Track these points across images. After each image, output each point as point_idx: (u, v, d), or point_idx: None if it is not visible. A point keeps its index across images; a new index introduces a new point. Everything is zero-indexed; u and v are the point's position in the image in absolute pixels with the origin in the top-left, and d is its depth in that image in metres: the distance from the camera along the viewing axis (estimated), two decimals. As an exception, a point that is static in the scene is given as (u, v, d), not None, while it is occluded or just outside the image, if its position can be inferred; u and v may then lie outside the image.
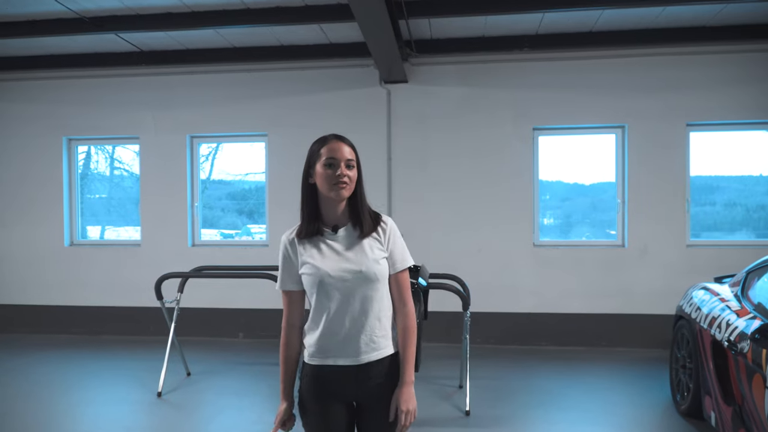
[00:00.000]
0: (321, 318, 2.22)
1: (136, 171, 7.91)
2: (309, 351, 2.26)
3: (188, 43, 6.97)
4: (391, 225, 2.34)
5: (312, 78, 7.25)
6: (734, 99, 6.64)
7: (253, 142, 7.67)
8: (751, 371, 3.57)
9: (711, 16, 6.14)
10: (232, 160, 7.94)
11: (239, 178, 7.99)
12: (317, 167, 2.23)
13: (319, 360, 2.23)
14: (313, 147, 2.28)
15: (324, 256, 2.22)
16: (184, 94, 7.46)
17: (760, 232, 7.04)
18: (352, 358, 2.21)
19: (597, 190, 7.36)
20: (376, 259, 2.24)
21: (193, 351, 6.58)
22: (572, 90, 6.86)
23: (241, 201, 8.00)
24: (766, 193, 7.08)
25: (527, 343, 6.95)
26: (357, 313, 2.21)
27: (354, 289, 2.20)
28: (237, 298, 7.36)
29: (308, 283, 2.22)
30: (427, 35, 6.72)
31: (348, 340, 2.21)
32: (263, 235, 7.77)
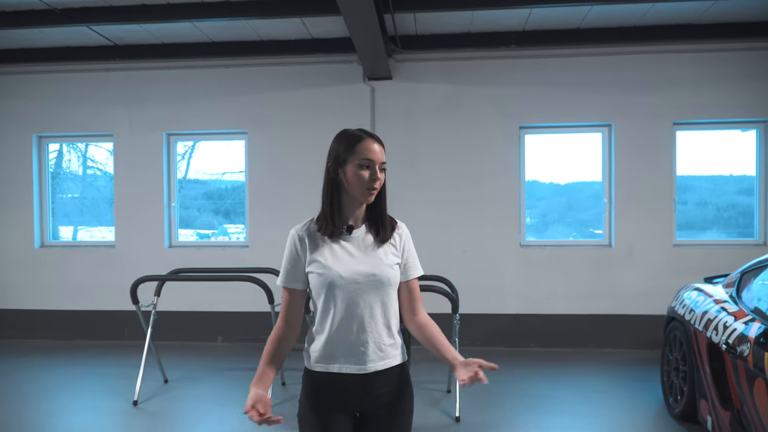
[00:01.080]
0: (327, 321, 2.10)
1: (110, 170, 7.64)
2: (313, 356, 2.13)
3: (164, 36, 6.72)
4: (405, 231, 2.26)
5: (293, 74, 7.05)
6: (721, 98, 6.60)
7: (233, 140, 7.45)
8: (752, 375, 3.47)
9: (698, 14, 6.08)
10: (209, 159, 7.71)
11: (216, 177, 7.76)
12: (349, 165, 2.11)
13: (323, 366, 2.11)
14: (342, 142, 2.15)
15: (336, 257, 2.12)
16: (161, 90, 7.20)
17: (731, 230, 7.06)
18: (358, 366, 2.10)
19: (572, 190, 7.30)
20: (390, 264, 2.15)
21: (170, 356, 6.33)
22: (559, 88, 6.76)
23: (217, 201, 7.77)
24: (735, 192, 7.09)
25: (514, 344, 6.83)
26: (366, 318, 2.10)
27: (365, 294, 2.10)
28: (215, 300, 7.13)
29: (316, 283, 2.10)
30: (412, 31, 6.57)
31: (355, 347, 2.10)
32: (241, 235, 7.55)
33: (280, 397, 5.19)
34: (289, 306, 2.18)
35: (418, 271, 2.25)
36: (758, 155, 6.78)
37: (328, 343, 2.10)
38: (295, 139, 7.04)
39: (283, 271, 2.17)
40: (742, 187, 7.22)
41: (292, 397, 5.20)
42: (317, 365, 2.12)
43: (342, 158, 2.13)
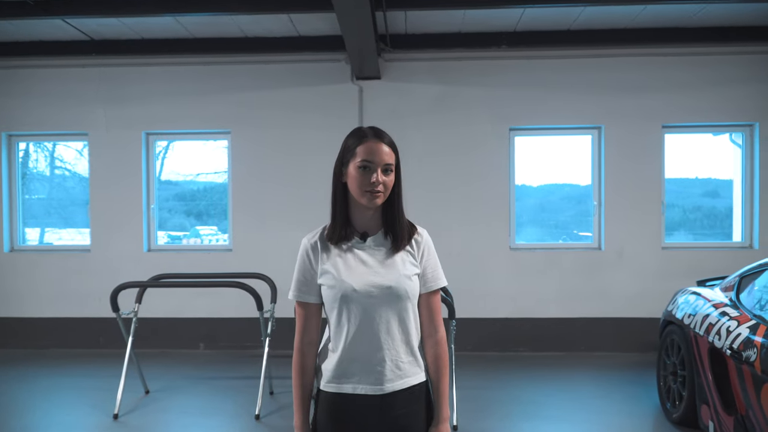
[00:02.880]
0: (341, 338, 1.95)
1: (80, 170, 7.35)
2: (325, 375, 1.98)
3: (144, 31, 6.47)
4: (426, 237, 2.09)
5: (279, 73, 6.85)
6: (709, 101, 6.61)
7: (215, 140, 7.22)
8: (759, 381, 3.41)
9: (689, 17, 6.07)
10: (183, 159, 7.45)
11: (190, 178, 7.51)
12: (350, 167, 1.97)
13: (337, 386, 1.96)
14: (347, 141, 2.02)
15: (349, 267, 1.96)
16: (139, 87, 6.92)
17: (697, 232, 7.12)
18: (375, 387, 1.94)
19: (544, 192, 7.27)
20: (408, 275, 1.98)
21: (150, 365, 6.05)
22: (549, 90, 6.70)
23: (189, 202, 7.51)
24: (701, 195, 7.16)
25: (505, 349, 6.73)
26: (382, 334, 1.94)
27: (380, 307, 1.94)
28: (197, 306, 6.89)
29: (329, 296, 1.96)
30: (402, 30, 6.43)
31: (371, 365, 1.94)
32: (213, 237, 7.32)
33: (269, 408, 4.99)
34: (305, 322, 2.02)
35: (439, 282, 2.07)
36: (743, 158, 6.81)
37: (342, 362, 1.95)
38: (280, 140, 6.84)
39: (295, 284, 2.02)
40: (707, 189, 7.35)
41: (282, 408, 5.01)
42: (330, 385, 1.97)
43: (345, 158, 2.00)
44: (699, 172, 7.20)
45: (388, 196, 2.00)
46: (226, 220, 7.25)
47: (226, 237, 7.30)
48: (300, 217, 6.81)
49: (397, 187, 2.02)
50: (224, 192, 7.27)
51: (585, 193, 7.07)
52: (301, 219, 6.80)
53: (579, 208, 7.20)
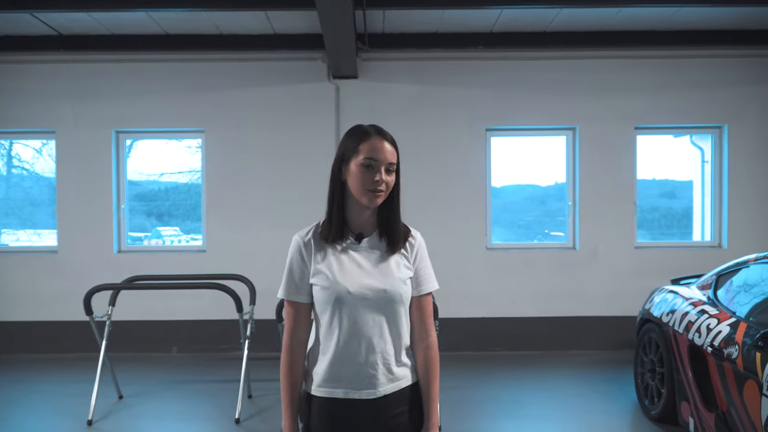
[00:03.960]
0: (332, 341, 1.90)
1: (38, 169, 7.13)
2: (315, 379, 1.94)
3: (115, 27, 6.29)
4: (419, 240, 2.08)
5: (254, 71, 6.74)
6: (680, 103, 6.75)
7: (188, 138, 7.07)
8: (741, 377, 3.48)
9: (662, 21, 6.19)
10: (146, 159, 7.23)
11: (153, 178, 7.34)
12: (352, 164, 1.93)
13: (328, 390, 1.91)
14: (349, 138, 1.98)
15: (343, 268, 1.92)
16: (110, 84, 6.72)
17: (655, 232, 7.27)
18: (367, 391, 1.91)
19: (507, 193, 7.34)
20: (403, 279, 1.96)
21: (122, 369, 5.84)
22: (525, 90, 6.75)
23: (150, 202, 7.33)
24: (658, 195, 7.34)
25: (481, 349, 6.75)
26: (375, 337, 1.91)
27: (374, 311, 1.91)
28: (170, 309, 6.72)
29: (321, 297, 1.91)
30: (380, 29, 6.40)
31: (363, 369, 1.90)
32: (176, 237, 7.19)
33: (249, 412, 4.90)
34: (295, 322, 1.96)
35: (431, 286, 2.05)
36: (712, 160, 6.98)
37: (333, 365, 1.91)
38: (255, 139, 6.73)
39: (285, 283, 1.96)
40: (665, 190, 7.55)
41: (262, 411, 4.93)
42: (320, 389, 1.92)
43: (346, 155, 1.95)
44: (657, 173, 7.34)
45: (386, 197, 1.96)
46: (189, 220, 7.13)
47: (188, 238, 7.16)
48: (276, 218, 6.72)
49: (396, 188, 1.98)
50: (188, 192, 7.17)
51: (548, 193, 7.19)
52: (278, 219, 6.73)
53: (543, 208, 7.33)
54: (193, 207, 7.33)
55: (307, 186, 6.72)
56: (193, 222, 7.39)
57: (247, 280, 5.20)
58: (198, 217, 7.15)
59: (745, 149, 6.78)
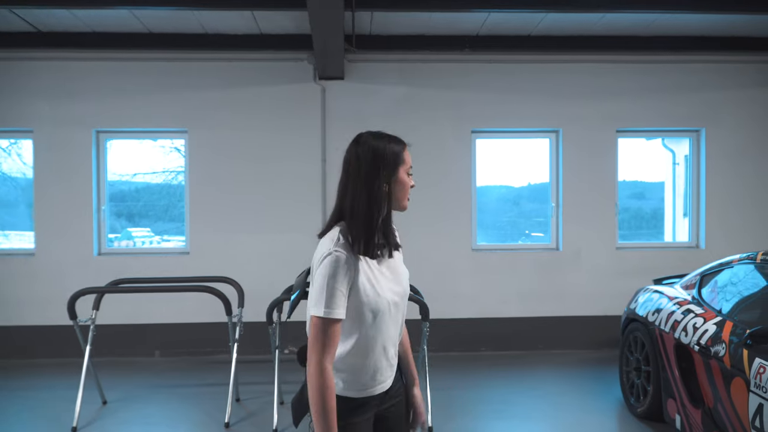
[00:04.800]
0: (371, 349, 1.96)
1: (6, 169, 7.00)
2: (355, 385, 1.99)
3: (97, 25, 6.18)
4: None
5: (239, 71, 6.68)
6: (659, 107, 6.89)
7: (171, 139, 6.98)
8: (728, 375, 3.57)
9: (643, 26, 6.31)
10: (118, 159, 7.05)
11: (126, 178, 7.22)
12: (401, 174, 1.98)
13: (370, 391, 2.03)
14: (391, 147, 1.99)
15: (377, 280, 1.96)
16: (91, 83, 6.59)
17: (624, 232, 7.36)
18: (387, 383, 2.08)
19: (481, 193, 7.37)
20: (408, 276, 2.15)
21: (104, 374, 5.74)
22: (510, 93, 6.82)
23: (120, 203, 7.20)
24: (628, 197, 7.51)
25: (467, 349, 6.80)
26: (394, 335, 2.06)
27: (398, 312, 2.05)
28: (152, 312, 6.62)
29: (361, 310, 1.91)
30: (367, 31, 6.40)
31: (388, 367, 2.06)
32: (147, 239, 7.12)
33: (238, 415, 4.85)
34: (334, 340, 1.86)
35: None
36: (690, 162, 7.14)
37: (372, 369, 1.99)
38: (240, 140, 6.68)
39: (334, 301, 1.84)
40: (635, 192, 7.72)
41: (251, 415, 4.88)
42: (365, 391, 2.00)
43: (394, 164, 1.96)
44: (628, 175, 7.46)
45: None
46: (161, 221, 7.05)
47: (158, 239, 7.08)
48: (261, 220, 6.68)
49: None
50: (161, 193, 7.10)
51: (521, 194, 7.33)
52: (263, 221, 6.69)
53: (517, 209, 7.45)
54: (166, 208, 7.26)
55: (293, 188, 6.69)
56: (165, 223, 7.31)
57: (234, 283, 5.15)
58: (171, 218, 7.09)
59: (721, 152, 6.95)
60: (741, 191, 6.96)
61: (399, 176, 1.96)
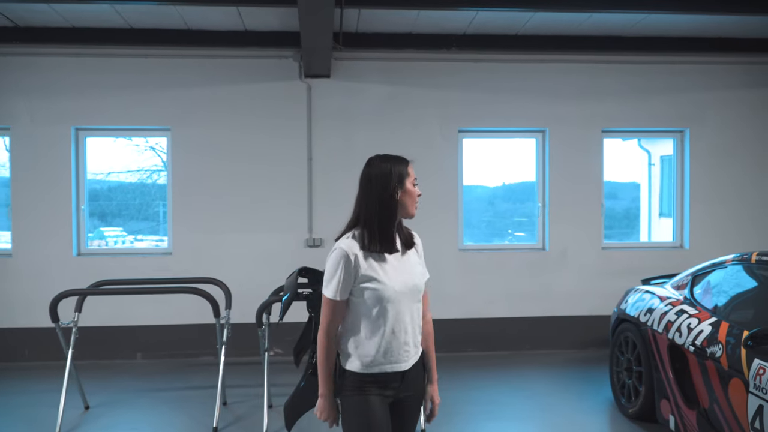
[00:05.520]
0: (379, 330, 2.33)
1: None
2: (364, 361, 2.34)
3: (77, 19, 6.00)
4: (419, 240, 2.55)
5: (223, 68, 6.55)
6: (644, 107, 6.93)
7: (154, 137, 6.82)
8: (726, 376, 3.58)
9: (629, 27, 6.33)
10: (91, 157, 6.84)
11: (100, 177, 7.04)
12: (407, 185, 2.39)
13: (378, 368, 2.34)
14: (397, 164, 2.40)
15: (386, 272, 2.34)
16: (70, 79, 6.41)
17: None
18: (402, 364, 2.38)
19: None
20: (421, 273, 2.49)
21: (85, 378, 5.57)
22: (497, 92, 6.80)
23: (92, 202, 6.98)
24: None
25: (453, 350, 6.76)
26: (408, 323, 2.38)
27: (408, 302, 2.38)
28: (134, 314, 6.46)
29: (371, 296, 2.31)
30: (353, 28, 6.32)
31: (402, 349, 2.37)
32: (119, 238, 6.98)
33: (226, 420, 4.75)
34: (335, 317, 2.35)
35: (427, 275, 2.56)
36: (674, 162, 7.20)
37: (380, 348, 2.33)
38: (224, 138, 6.55)
39: (337, 285, 2.31)
40: (607, 192, 7.54)
41: (240, 419, 4.78)
42: (373, 368, 2.34)
43: (401, 178, 2.38)
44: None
45: None
46: (134, 221, 6.90)
47: (132, 239, 6.93)
48: (246, 220, 6.57)
49: None
50: (135, 192, 6.99)
51: (495, 194, 7.39)
52: (247, 221, 6.57)
53: (492, 209, 7.50)
54: (138, 208, 7.14)
55: (277, 187, 6.59)
56: (138, 222, 7.17)
57: (222, 284, 5.03)
58: (144, 218, 6.94)
59: (705, 152, 7.02)
60: (725, 192, 7.03)
61: (406, 187, 2.39)
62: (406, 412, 2.47)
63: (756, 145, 7.04)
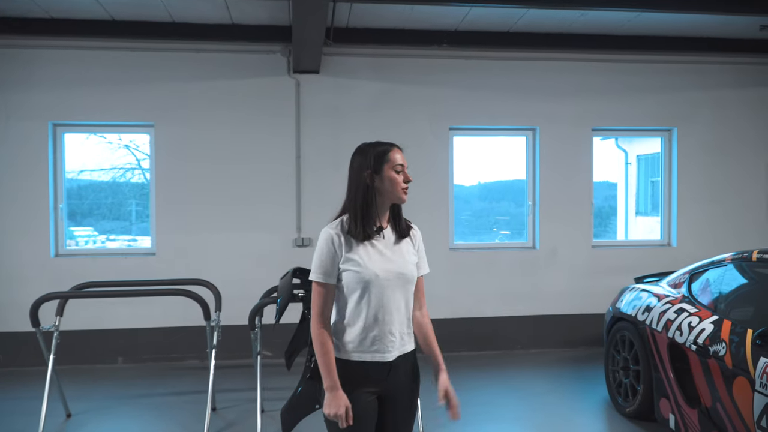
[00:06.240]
0: (361, 315, 2.32)
1: None
2: (348, 347, 2.33)
3: (56, 10, 5.77)
4: (419, 233, 2.54)
5: (209, 62, 6.37)
6: (633, 107, 6.94)
7: (136, 133, 6.61)
8: (730, 374, 3.54)
9: (622, 25, 6.31)
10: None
11: (72, 176, 6.79)
12: (387, 170, 2.34)
13: (358, 356, 2.32)
14: (377, 149, 2.38)
15: (370, 256, 2.32)
16: (48, 73, 6.16)
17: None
18: (387, 354, 2.34)
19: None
20: (413, 262, 2.43)
21: (66, 383, 5.32)
22: (488, 90, 6.74)
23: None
24: None
25: (445, 350, 6.53)
26: (394, 311, 2.34)
27: (394, 289, 2.34)
28: (115, 317, 6.25)
29: (352, 280, 2.30)
30: (344, 23, 6.19)
31: (386, 337, 2.33)
32: (90, 238, 6.80)
33: (217, 426, 4.59)
34: (325, 301, 2.33)
35: (425, 270, 2.53)
36: (661, 162, 7.22)
37: (362, 335, 2.31)
38: (210, 135, 6.37)
39: (321, 268, 2.31)
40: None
41: (231, 425, 4.63)
42: (352, 354, 2.32)
43: (378, 163, 2.34)
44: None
45: None
46: (105, 220, 6.72)
47: (103, 239, 6.73)
48: (232, 219, 6.40)
49: None
50: (107, 191, 6.84)
51: (471, 193, 7.35)
52: (234, 220, 6.40)
53: (468, 207, 7.45)
54: (110, 207, 6.98)
55: (265, 185, 6.44)
56: (110, 222, 7.00)
57: (211, 285, 4.86)
58: (116, 217, 6.79)
59: (693, 151, 7.05)
60: (712, 190, 7.07)
61: (385, 173, 2.33)
62: (399, 411, 2.42)
63: (743, 144, 7.09)
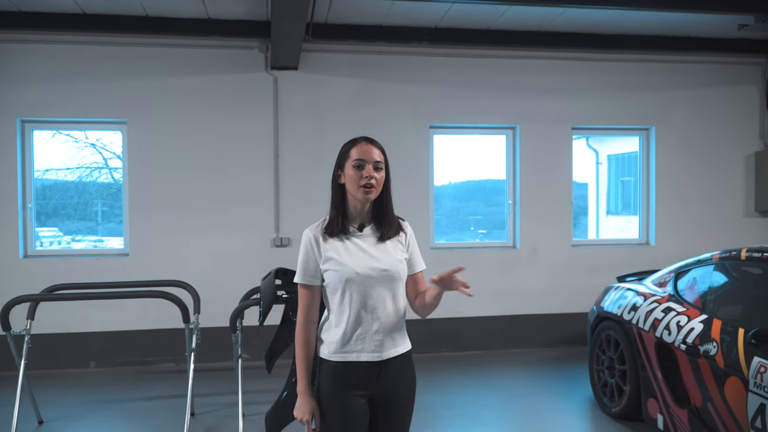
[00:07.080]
0: (345, 314, 2.26)
1: None
2: (331, 347, 2.27)
3: (24, 4, 5.53)
4: (410, 230, 2.47)
5: (184, 58, 6.19)
6: (612, 105, 6.96)
7: (108, 130, 6.39)
8: (721, 374, 3.52)
9: (603, 24, 6.32)
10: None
11: (37, 175, 6.53)
12: (346, 168, 2.27)
13: (342, 356, 2.26)
14: (343, 148, 2.34)
15: (350, 254, 2.27)
16: (16, 68, 5.91)
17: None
18: (375, 354, 2.27)
19: None
20: (399, 260, 2.35)
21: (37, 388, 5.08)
22: (468, 88, 6.68)
23: None
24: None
25: (427, 350, 6.61)
26: (380, 310, 2.27)
27: (378, 287, 2.27)
28: (86, 319, 6.04)
29: (333, 279, 2.25)
30: (323, 19, 6.07)
31: (371, 337, 2.26)
32: (55, 239, 6.61)
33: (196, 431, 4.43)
34: (309, 303, 2.30)
35: (421, 266, 2.48)
36: (640, 161, 7.26)
37: (346, 335, 2.25)
38: (185, 132, 6.19)
39: (302, 270, 2.29)
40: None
41: (210, 430, 4.47)
42: (335, 356, 2.25)
43: (341, 162, 2.30)
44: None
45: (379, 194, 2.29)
46: (70, 220, 6.56)
47: (69, 239, 6.52)
48: (209, 218, 6.23)
49: (386, 185, 2.33)
50: (71, 191, 6.66)
51: (441, 192, 7.30)
52: (210, 220, 6.24)
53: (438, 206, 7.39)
54: (75, 207, 6.77)
55: (243, 183, 6.28)
56: (75, 222, 6.80)
57: (189, 287, 4.70)
58: (82, 217, 6.61)
59: (671, 150, 7.10)
60: (689, 188, 7.13)
61: (345, 171, 2.27)
62: (394, 415, 2.34)
63: (720, 143, 7.17)
